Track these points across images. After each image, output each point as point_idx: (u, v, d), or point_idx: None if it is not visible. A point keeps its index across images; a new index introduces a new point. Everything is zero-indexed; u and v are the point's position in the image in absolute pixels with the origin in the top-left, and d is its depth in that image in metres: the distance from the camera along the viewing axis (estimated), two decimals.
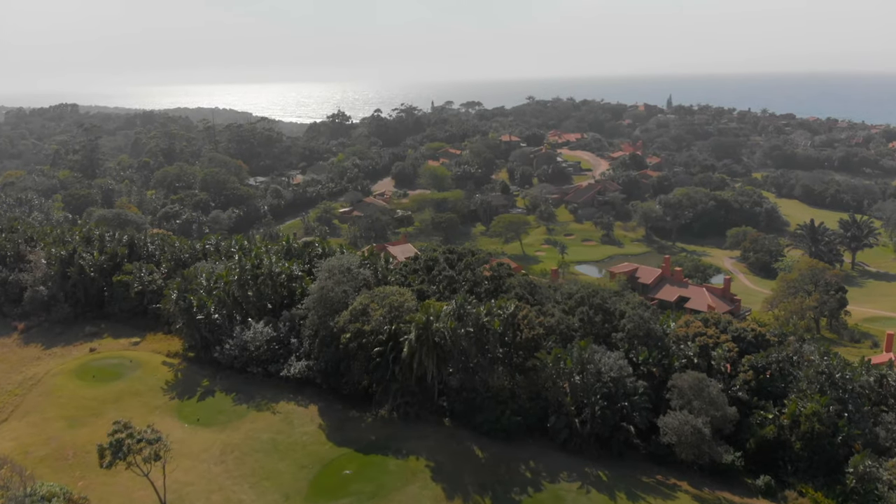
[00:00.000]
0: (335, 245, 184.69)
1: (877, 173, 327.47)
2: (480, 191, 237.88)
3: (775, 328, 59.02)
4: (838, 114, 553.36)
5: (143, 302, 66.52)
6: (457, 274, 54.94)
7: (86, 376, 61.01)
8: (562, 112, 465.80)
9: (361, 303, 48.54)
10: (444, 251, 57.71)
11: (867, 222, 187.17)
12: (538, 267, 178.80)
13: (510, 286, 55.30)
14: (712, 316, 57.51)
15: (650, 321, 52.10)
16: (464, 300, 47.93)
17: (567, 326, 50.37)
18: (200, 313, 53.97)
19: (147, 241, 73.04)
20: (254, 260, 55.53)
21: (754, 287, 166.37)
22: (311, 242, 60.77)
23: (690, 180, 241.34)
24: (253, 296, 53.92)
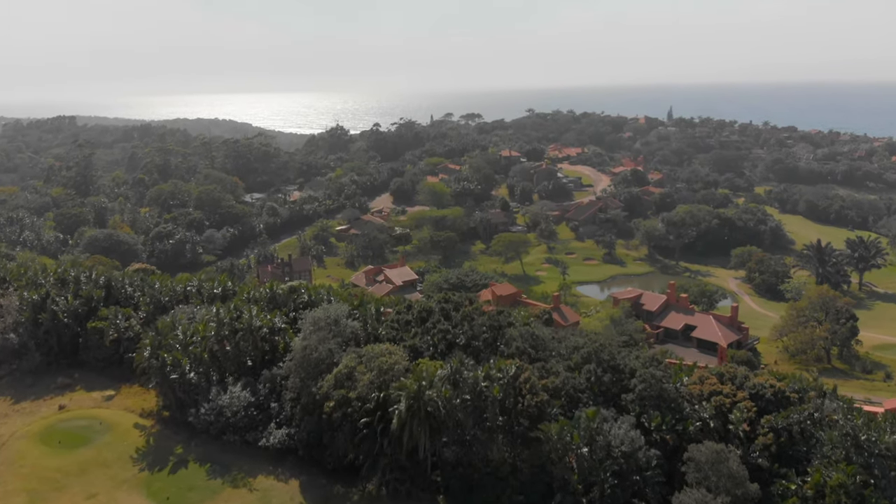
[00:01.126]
0: (328, 272, 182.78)
1: (880, 187, 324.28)
2: (480, 208, 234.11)
3: (794, 381, 54.83)
4: (840, 124, 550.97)
5: (119, 350, 62.48)
6: (453, 326, 50.84)
7: (52, 441, 56.49)
8: (562, 125, 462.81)
9: (347, 365, 44.59)
10: (439, 300, 53.68)
11: (875, 242, 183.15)
12: (539, 288, 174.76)
13: (511, 339, 51.17)
14: (728, 370, 53.40)
15: (663, 381, 47.97)
16: (460, 363, 44.01)
17: (574, 387, 46.28)
18: (175, 372, 49.95)
19: (125, 283, 69.03)
20: (233, 312, 51.56)
21: (761, 310, 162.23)
22: (297, 288, 56.84)
23: (693, 197, 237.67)
24: (232, 352, 49.96)
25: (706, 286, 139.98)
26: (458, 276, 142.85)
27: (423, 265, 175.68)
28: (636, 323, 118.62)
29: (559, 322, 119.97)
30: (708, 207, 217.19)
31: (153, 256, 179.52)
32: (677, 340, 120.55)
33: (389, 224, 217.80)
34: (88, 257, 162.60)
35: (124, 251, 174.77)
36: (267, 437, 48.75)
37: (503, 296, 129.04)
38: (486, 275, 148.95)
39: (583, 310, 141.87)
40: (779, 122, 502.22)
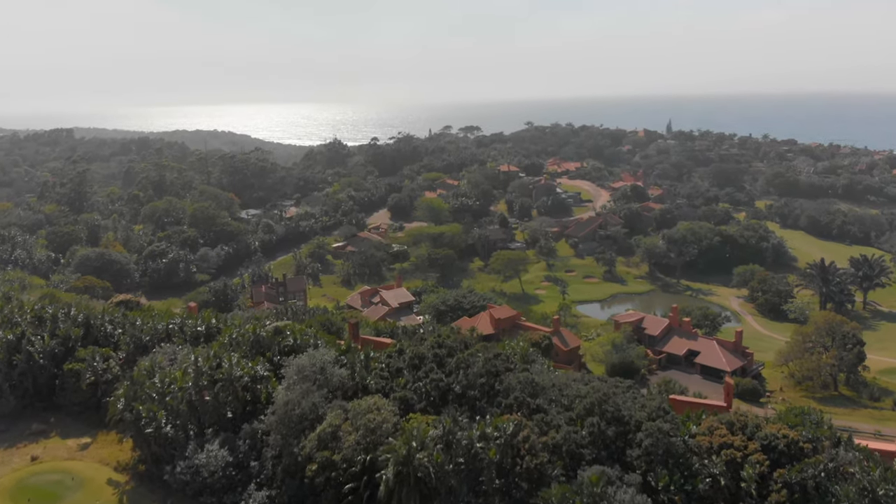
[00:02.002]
0: (324, 291, 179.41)
1: (882, 201, 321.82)
2: (478, 224, 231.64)
3: (807, 429, 51.93)
4: (839, 136, 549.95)
5: (97, 394, 59.42)
6: (446, 375, 47.91)
7: (21, 499, 53.09)
8: (561, 138, 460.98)
9: (332, 423, 41.66)
10: (432, 345, 50.70)
11: (879, 260, 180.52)
12: (539, 308, 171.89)
13: (509, 387, 48.24)
14: (738, 418, 50.54)
15: (670, 434, 45.07)
16: (453, 422, 41.10)
17: (576, 443, 43.36)
18: (150, 426, 47.05)
19: (105, 320, 66.13)
20: (212, 361, 48.63)
21: (764, 331, 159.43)
22: (283, 330, 53.96)
23: (694, 213, 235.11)
24: (211, 403, 47.09)
25: (709, 309, 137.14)
26: (456, 298, 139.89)
27: (420, 284, 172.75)
28: (638, 348, 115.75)
29: (559, 347, 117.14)
30: (709, 224, 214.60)
31: (146, 276, 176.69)
32: (680, 366, 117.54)
33: (387, 241, 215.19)
34: (79, 278, 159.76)
35: (116, 271, 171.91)
36: (246, 500, 45.58)
37: (501, 319, 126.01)
38: (485, 295, 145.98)
39: (583, 333, 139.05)
40: (779, 134, 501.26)
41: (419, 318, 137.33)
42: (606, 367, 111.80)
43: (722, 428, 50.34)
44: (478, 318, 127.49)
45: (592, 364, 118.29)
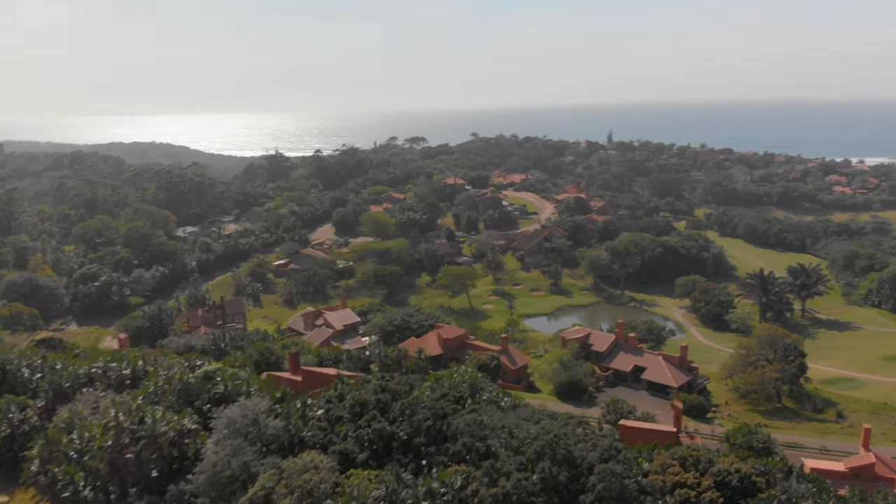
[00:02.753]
0: (265, 312, 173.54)
1: (816, 208, 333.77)
2: (425, 238, 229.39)
3: (759, 463, 51.15)
4: (775, 144, 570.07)
5: (13, 447, 54.52)
6: (390, 422, 45.28)
7: None
8: (505, 149, 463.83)
9: (264, 486, 38.48)
10: (374, 390, 47.94)
11: (816, 269, 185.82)
12: (487, 324, 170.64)
13: (457, 432, 45.91)
14: (691, 454, 49.35)
15: (623, 475, 43.53)
16: (397, 479, 38.53)
17: (527, 491, 41.35)
18: (67, 490, 43.02)
19: (22, 365, 61.05)
20: (133, 416, 44.82)
21: (707, 342, 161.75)
22: (213, 375, 50.29)
23: (636, 224, 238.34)
24: (133, 462, 43.34)
25: (653, 323, 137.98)
26: (403, 318, 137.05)
27: (366, 303, 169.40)
28: (585, 366, 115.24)
29: (508, 366, 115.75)
30: (651, 235, 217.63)
31: (76, 301, 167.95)
32: (627, 383, 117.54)
33: (331, 257, 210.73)
34: (5, 305, 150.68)
35: (45, 297, 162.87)
36: None
37: (449, 339, 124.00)
38: (432, 314, 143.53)
39: (531, 349, 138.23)
40: (716, 143, 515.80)
41: (365, 340, 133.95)
42: (555, 386, 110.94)
43: (675, 465, 49.05)
44: (425, 339, 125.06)
45: (541, 382, 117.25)
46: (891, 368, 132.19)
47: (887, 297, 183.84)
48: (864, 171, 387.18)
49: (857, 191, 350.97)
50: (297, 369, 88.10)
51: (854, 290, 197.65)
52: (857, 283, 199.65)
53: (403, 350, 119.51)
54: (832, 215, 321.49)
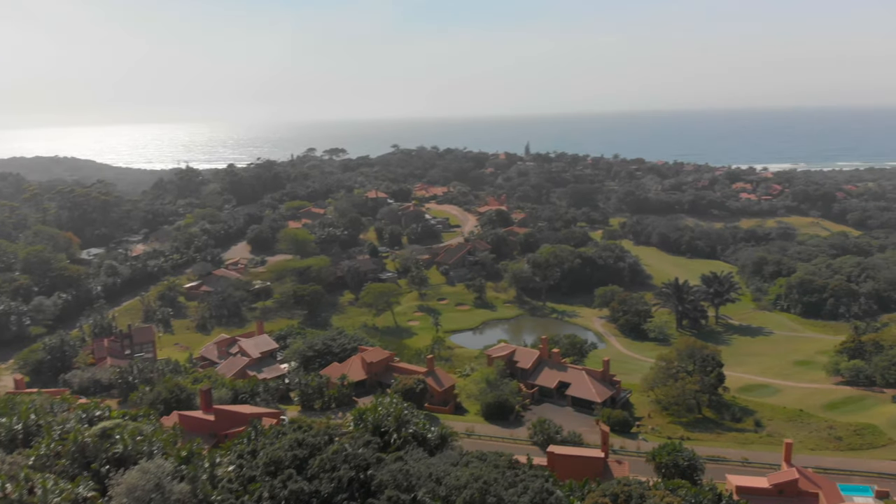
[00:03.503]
0: (176, 338, 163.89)
1: (724, 215, 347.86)
2: (347, 254, 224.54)
3: (690, 494, 50.43)
4: (682, 153, 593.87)
5: None
6: (309, 480, 41.74)
7: None
8: (427, 161, 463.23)
9: None
10: (290, 445, 44.13)
11: (728, 277, 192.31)
12: (413, 342, 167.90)
13: (381, 484, 42.82)
14: (622, 489, 48.08)
15: None
16: None
17: None
18: None
19: None
20: (22, 486, 39.60)
21: (627, 352, 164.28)
22: (111, 434, 45.34)
23: (555, 236, 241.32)
24: None
25: (576, 337, 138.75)
26: (324, 342, 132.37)
27: (285, 326, 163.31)
28: (511, 384, 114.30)
29: (434, 388, 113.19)
30: (570, 247, 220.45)
31: None
32: (552, 399, 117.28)
33: (247, 278, 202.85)
34: None
35: None
36: None
37: (374, 362, 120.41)
38: (355, 336, 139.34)
39: (458, 368, 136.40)
40: (627, 153, 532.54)
41: (284, 368, 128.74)
42: (482, 407, 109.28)
43: (607, 503, 47.53)
44: (348, 364, 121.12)
45: (468, 402, 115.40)
46: (803, 373, 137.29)
47: (795, 302, 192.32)
48: (767, 179, 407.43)
49: (762, 197, 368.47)
50: (209, 408, 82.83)
51: (764, 296, 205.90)
52: (767, 289, 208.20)
53: (325, 377, 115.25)
54: (740, 221, 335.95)
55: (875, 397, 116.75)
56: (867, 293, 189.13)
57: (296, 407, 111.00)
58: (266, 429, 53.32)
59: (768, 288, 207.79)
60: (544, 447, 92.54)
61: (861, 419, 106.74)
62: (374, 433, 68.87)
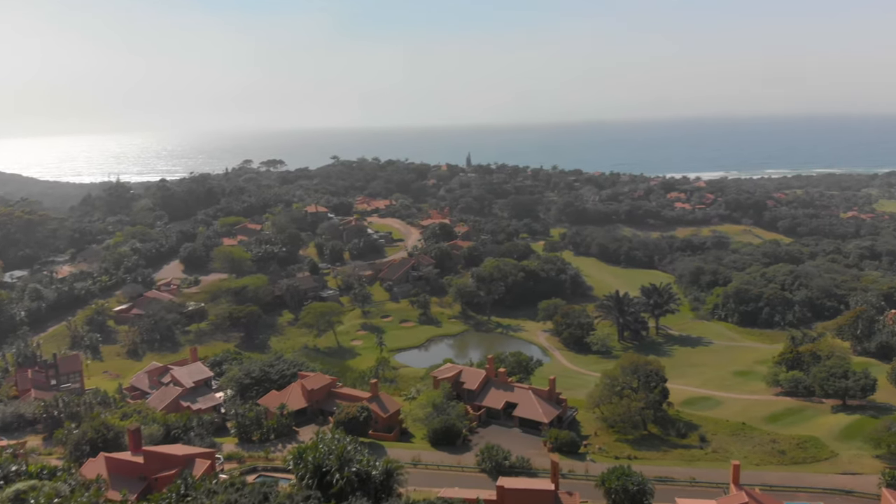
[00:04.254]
0: (106, 366, 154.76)
1: (660, 224, 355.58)
2: (286, 272, 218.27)
3: None
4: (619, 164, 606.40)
5: None
6: None
7: None
8: (368, 173, 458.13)
9: None
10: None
11: (667, 288, 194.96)
12: (356, 363, 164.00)
13: None
14: None
15: None
16: None
17: None
18: None
19: None
20: None
21: (572, 366, 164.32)
22: (27, 497, 40.42)
23: (498, 249, 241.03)
24: None
25: (521, 355, 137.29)
26: (262, 368, 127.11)
27: (220, 351, 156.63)
28: (458, 406, 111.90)
29: (378, 414, 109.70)
30: (513, 260, 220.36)
31: None
32: (499, 420, 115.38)
33: (180, 299, 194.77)
34: None
35: None
36: None
37: (315, 389, 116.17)
38: (295, 361, 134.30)
39: (403, 390, 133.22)
40: (566, 164, 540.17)
41: (219, 396, 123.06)
42: (428, 433, 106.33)
43: None
44: (288, 391, 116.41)
45: (414, 427, 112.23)
46: (743, 384, 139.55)
47: (732, 311, 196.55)
48: (701, 188, 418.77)
49: (696, 206, 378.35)
50: (138, 449, 77.41)
51: (702, 305, 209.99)
52: (704, 298, 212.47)
53: (263, 407, 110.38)
54: (675, 230, 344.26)
55: (815, 408, 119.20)
56: (801, 301, 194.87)
57: (233, 439, 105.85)
58: (197, 482, 49.24)
59: (706, 297, 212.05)
60: (493, 474, 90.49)
61: (803, 431, 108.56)
62: (314, 474, 65.33)
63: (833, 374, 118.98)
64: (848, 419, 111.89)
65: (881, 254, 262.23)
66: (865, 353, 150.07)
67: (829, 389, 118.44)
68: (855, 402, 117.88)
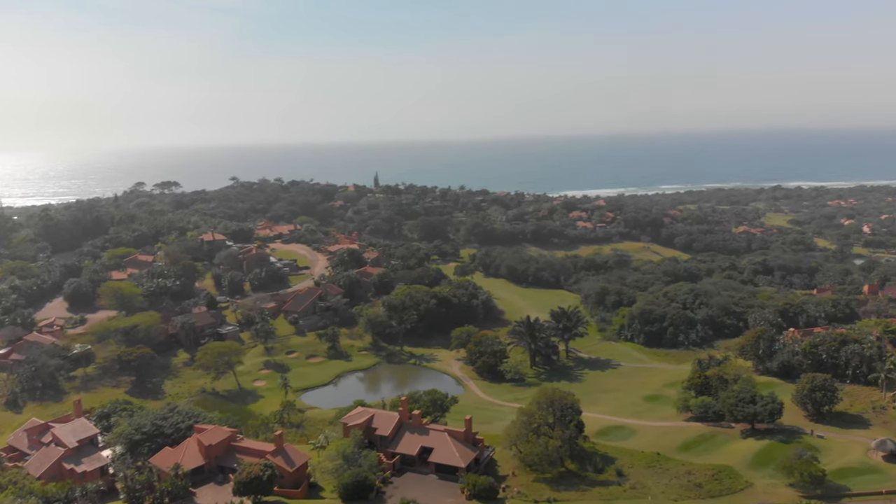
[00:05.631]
0: None
1: (564, 242, 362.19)
2: (181, 307, 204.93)
3: None
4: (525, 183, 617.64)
5: None
6: None
7: None
8: (270, 195, 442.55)
9: None
10: None
11: (575, 311, 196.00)
12: (259, 406, 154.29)
13: None
14: None
15: None
16: None
17: None
18: None
19: None
20: None
21: (487, 397, 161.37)
22: None
23: (409, 275, 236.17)
24: None
25: (436, 393, 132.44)
26: (154, 422, 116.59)
27: (108, 400, 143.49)
28: (371, 455, 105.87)
29: (284, 469, 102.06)
30: (424, 287, 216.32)
31: None
32: (415, 467, 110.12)
33: (64, 341, 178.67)
34: None
35: None
36: None
37: (213, 445, 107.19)
38: (191, 412, 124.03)
39: (311, 437, 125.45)
40: (472, 184, 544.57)
41: (107, 455, 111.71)
42: (339, 488, 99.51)
43: None
44: (183, 448, 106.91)
45: (324, 480, 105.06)
46: (655, 410, 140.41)
47: (638, 332, 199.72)
48: (601, 207, 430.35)
49: (597, 225, 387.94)
50: None
51: (608, 326, 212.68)
52: (610, 319, 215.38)
53: (155, 467, 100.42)
54: (579, 249, 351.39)
55: (725, 434, 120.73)
56: (702, 320, 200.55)
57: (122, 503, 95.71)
58: None
59: (612, 318, 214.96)
60: None
61: (716, 459, 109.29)
62: None
63: (741, 399, 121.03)
64: (758, 445, 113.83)
65: (773, 269, 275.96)
66: (768, 373, 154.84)
67: (739, 415, 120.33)
68: (763, 426, 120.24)
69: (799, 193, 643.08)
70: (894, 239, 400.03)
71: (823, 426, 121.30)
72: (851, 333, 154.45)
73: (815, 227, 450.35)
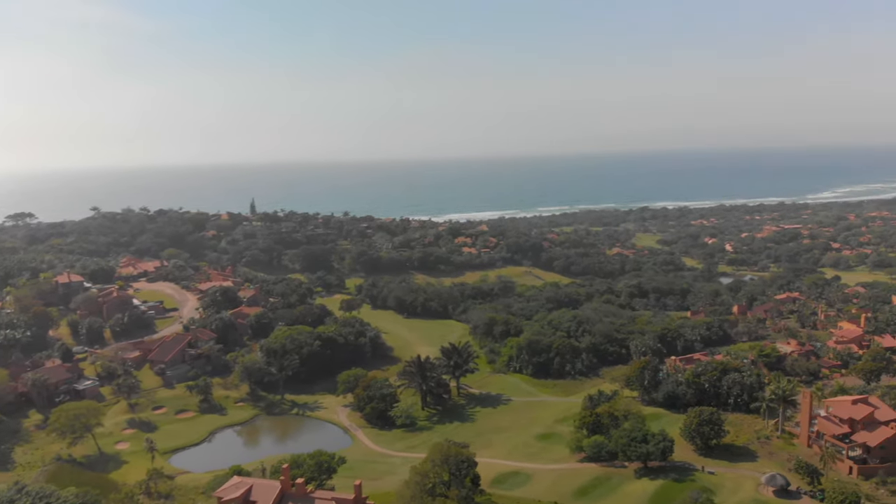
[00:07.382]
0: None
1: (450, 269, 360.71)
2: (32, 362, 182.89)
3: None
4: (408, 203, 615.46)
5: None
6: None
7: None
8: (135, 226, 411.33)
9: None
10: None
11: (466, 347, 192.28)
12: (122, 474, 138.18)
13: None
14: None
15: None
16: None
17: None
18: None
19: None
20: None
21: (376, 448, 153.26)
22: None
23: (290, 314, 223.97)
24: None
25: (322, 454, 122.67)
26: None
27: None
28: None
29: None
30: (307, 327, 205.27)
31: None
32: None
33: None
34: None
35: None
36: None
37: None
38: (42, 492, 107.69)
39: None
40: (357, 209, 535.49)
41: None
42: None
43: None
44: None
45: None
46: (548, 450, 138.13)
47: (526, 363, 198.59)
48: (484, 232, 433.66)
49: (481, 250, 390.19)
50: None
51: (497, 357, 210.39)
52: (499, 350, 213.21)
53: None
54: (465, 275, 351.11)
55: (620, 474, 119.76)
56: (587, 348, 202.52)
57: None
58: None
59: (500, 349, 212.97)
60: None
61: None
62: None
63: (633, 438, 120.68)
64: (653, 486, 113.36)
65: (648, 291, 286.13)
66: (654, 403, 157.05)
67: (632, 455, 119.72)
68: (656, 464, 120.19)
69: (665, 213, 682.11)
70: (755, 257, 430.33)
71: (713, 460, 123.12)
72: (732, 362, 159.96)
73: (681, 247, 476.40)
